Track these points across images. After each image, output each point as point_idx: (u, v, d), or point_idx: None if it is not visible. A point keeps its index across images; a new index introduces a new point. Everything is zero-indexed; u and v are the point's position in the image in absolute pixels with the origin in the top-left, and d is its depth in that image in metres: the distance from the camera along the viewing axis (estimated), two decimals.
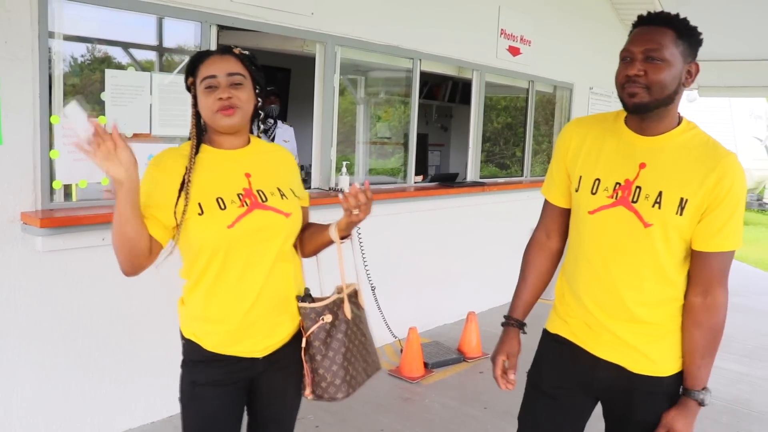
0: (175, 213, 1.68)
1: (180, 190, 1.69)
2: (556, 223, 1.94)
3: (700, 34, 1.66)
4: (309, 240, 1.92)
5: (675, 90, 1.63)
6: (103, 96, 3.13)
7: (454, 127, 9.07)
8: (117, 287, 3.22)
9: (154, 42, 3.51)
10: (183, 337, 1.83)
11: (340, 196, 1.72)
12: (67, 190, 3.11)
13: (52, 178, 2.99)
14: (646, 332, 1.73)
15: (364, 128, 5.81)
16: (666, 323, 1.73)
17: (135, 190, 1.58)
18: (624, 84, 1.64)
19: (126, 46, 3.41)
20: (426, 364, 4.37)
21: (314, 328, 1.79)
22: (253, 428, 1.96)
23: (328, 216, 2.06)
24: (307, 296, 1.84)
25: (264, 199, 1.76)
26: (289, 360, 1.84)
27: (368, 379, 1.91)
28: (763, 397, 4.31)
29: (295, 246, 1.91)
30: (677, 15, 1.65)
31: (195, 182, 1.71)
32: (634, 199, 1.67)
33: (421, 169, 6.42)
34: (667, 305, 1.72)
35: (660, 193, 1.64)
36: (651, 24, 1.64)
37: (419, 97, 5.15)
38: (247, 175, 1.77)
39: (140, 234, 1.63)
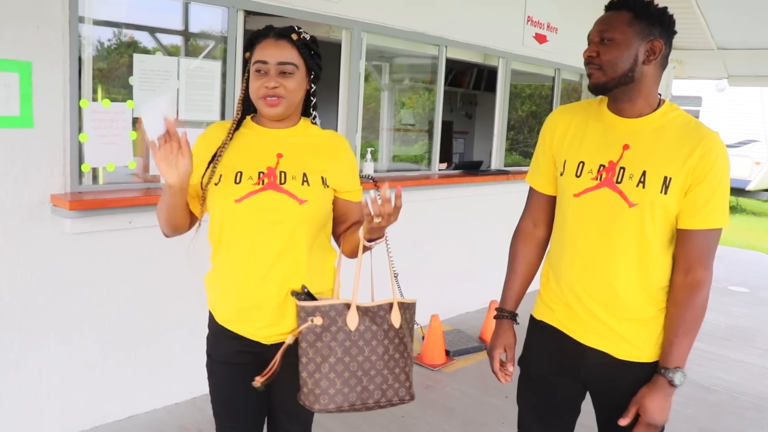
0: (201, 181, 1.75)
1: (212, 160, 1.75)
2: (543, 211, 1.95)
3: (662, 13, 1.69)
4: (346, 239, 1.86)
5: (631, 68, 1.67)
6: (132, 80, 3.15)
7: (479, 115, 9.00)
8: (143, 270, 3.27)
9: (181, 27, 3.53)
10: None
11: (365, 199, 1.57)
12: (94, 173, 3.15)
13: (81, 161, 3.03)
14: (631, 317, 1.73)
15: (388, 115, 5.80)
16: (650, 307, 1.73)
17: (184, 191, 1.67)
18: (585, 66, 1.74)
19: (153, 31, 3.43)
20: (447, 352, 4.39)
21: (302, 327, 1.67)
22: (270, 417, 1.96)
23: None
24: (302, 293, 1.74)
25: (283, 181, 1.73)
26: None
27: (378, 407, 1.72)
28: None
29: (338, 240, 1.89)
30: None
31: (226, 155, 1.76)
32: (619, 180, 1.69)
33: (446, 156, 6.39)
34: (651, 288, 1.72)
35: (644, 173, 1.66)
36: (612, 9, 1.73)
37: (444, 84, 5.12)
38: (279, 156, 1.76)
39: (185, 217, 1.77)
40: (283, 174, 1.73)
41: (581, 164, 1.76)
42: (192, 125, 3.42)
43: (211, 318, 1.87)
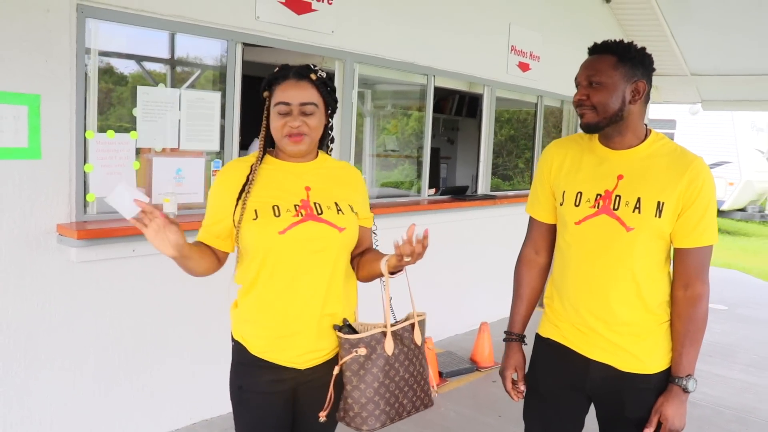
0: (233, 218, 1.80)
1: (239, 197, 1.79)
2: (543, 238, 2.08)
3: (643, 54, 1.84)
4: (363, 266, 1.93)
5: (620, 108, 1.82)
6: (135, 112, 3.24)
7: (460, 140, 9.16)
8: (146, 298, 3.32)
9: (183, 59, 3.62)
10: (233, 339, 1.91)
11: (396, 240, 1.71)
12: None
13: (86, 190, 3.10)
14: (632, 332, 1.86)
15: (371, 141, 5.92)
16: (649, 322, 1.87)
17: (186, 256, 1.71)
18: (576, 107, 1.86)
19: (156, 62, 3.53)
20: (440, 374, 4.46)
21: (347, 358, 1.77)
22: None
23: None
24: (345, 326, 1.82)
25: (320, 211, 1.81)
26: (330, 377, 1.84)
27: (408, 416, 1.87)
28: None
29: (352, 265, 1.96)
30: (620, 41, 1.85)
31: (255, 190, 1.80)
32: (615, 207, 1.83)
33: (434, 182, 6.51)
34: (649, 305, 1.86)
35: (638, 199, 1.81)
36: (596, 53, 1.86)
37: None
38: (307, 189, 1.83)
39: (211, 261, 1.83)
40: (317, 205, 1.82)
41: (579, 194, 1.90)
42: (195, 155, 3.51)
43: (242, 349, 1.87)
